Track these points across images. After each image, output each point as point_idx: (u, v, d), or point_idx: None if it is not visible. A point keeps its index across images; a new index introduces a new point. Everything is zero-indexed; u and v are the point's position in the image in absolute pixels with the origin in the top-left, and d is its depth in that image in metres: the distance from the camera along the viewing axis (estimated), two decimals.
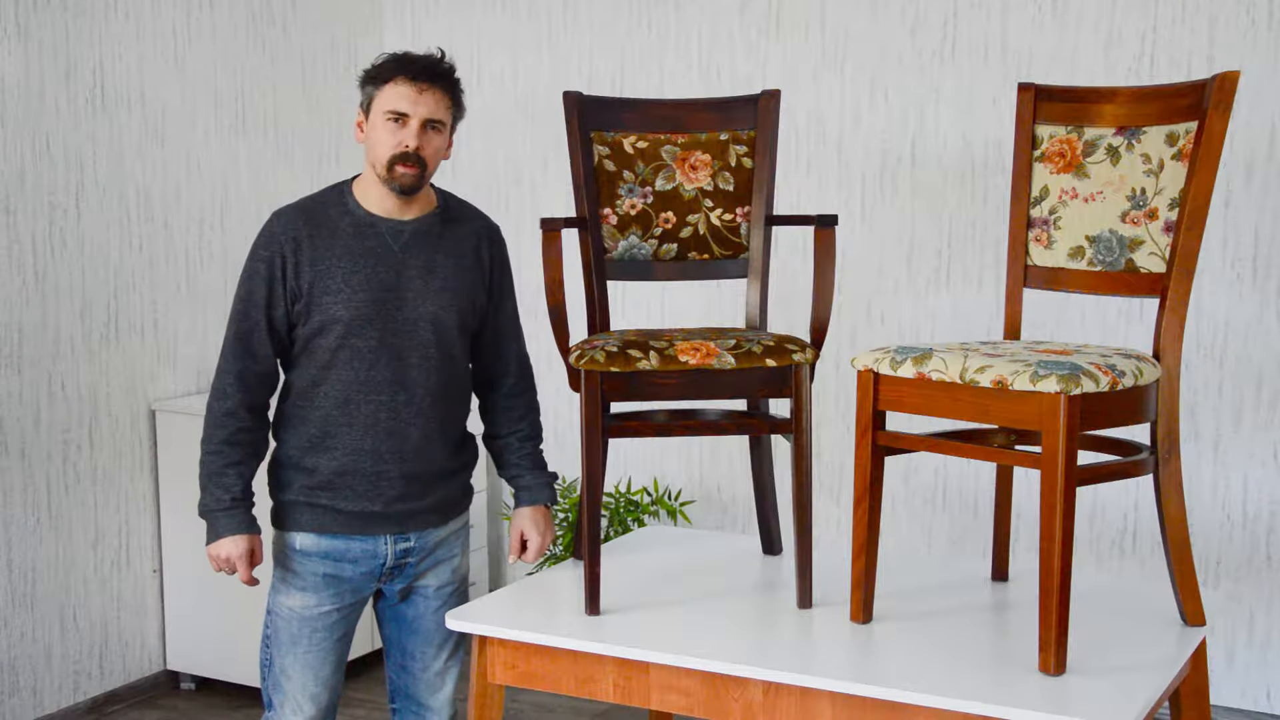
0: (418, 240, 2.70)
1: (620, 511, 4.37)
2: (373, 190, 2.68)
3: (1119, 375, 2.41)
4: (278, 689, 2.75)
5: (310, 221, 2.66)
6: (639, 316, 4.62)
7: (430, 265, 2.70)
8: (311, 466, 2.69)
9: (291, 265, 2.63)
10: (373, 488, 2.69)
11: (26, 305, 3.85)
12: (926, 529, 4.29)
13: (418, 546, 2.76)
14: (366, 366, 2.65)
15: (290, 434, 2.72)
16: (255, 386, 2.68)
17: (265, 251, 2.65)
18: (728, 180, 3.05)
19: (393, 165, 2.62)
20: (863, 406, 2.62)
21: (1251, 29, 3.78)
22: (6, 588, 3.84)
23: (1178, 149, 2.61)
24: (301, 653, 2.72)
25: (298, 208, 2.69)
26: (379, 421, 2.67)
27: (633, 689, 2.58)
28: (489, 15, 4.81)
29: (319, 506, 2.70)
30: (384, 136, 2.63)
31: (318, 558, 2.71)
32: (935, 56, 4.15)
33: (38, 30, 3.84)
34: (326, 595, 2.72)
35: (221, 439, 2.67)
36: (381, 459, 2.68)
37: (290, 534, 2.72)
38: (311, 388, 2.68)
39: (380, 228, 2.68)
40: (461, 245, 2.75)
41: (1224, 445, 3.91)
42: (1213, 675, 3.90)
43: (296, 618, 2.72)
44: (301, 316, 2.65)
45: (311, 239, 2.64)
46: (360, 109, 2.70)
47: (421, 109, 2.63)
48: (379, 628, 2.91)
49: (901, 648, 2.53)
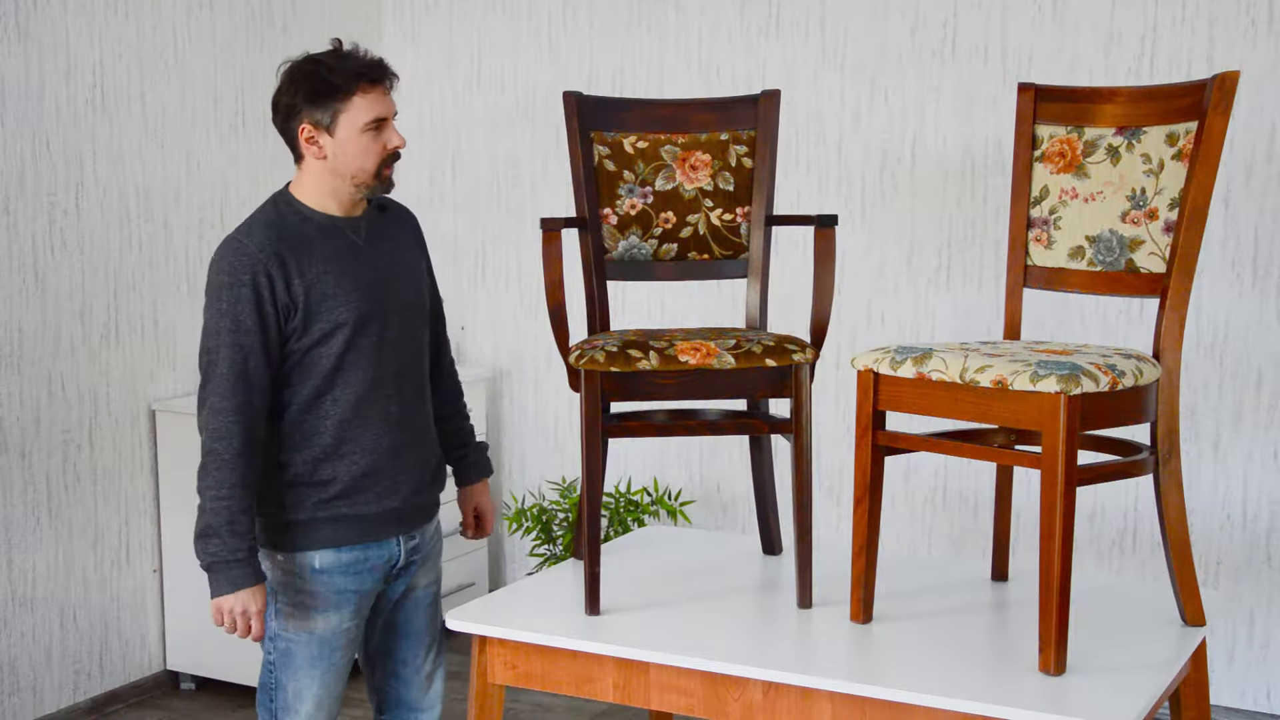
0: (373, 233, 2.69)
1: (620, 511, 4.37)
2: (330, 198, 2.62)
3: (1119, 375, 2.41)
4: (289, 711, 2.66)
5: (281, 234, 2.56)
6: (639, 316, 4.62)
7: (391, 254, 2.70)
8: (328, 478, 2.61)
9: (280, 280, 2.53)
10: (393, 484, 2.66)
11: (26, 305, 3.85)
12: (926, 529, 4.29)
13: (421, 544, 2.76)
14: (373, 364, 2.62)
15: (295, 453, 2.61)
16: (257, 420, 2.54)
17: (246, 274, 2.51)
18: (728, 180, 3.05)
19: (380, 169, 2.62)
20: (863, 406, 2.62)
21: (1251, 29, 3.78)
22: (6, 588, 3.84)
23: (1178, 149, 2.61)
24: (321, 674, 2.65)
25: (260, 224, 2.58)
26: (390, 416, 2.65)
27: (633, 689, 2.58)
28: (489, 15, 4.81)
29: (339, 518, 2.62)
30: (367, 146, 2.58)
31: (339, 573, 2.63)
32: (935, 56, 4.15)
33: (38, 30, 3.84)
34: (349, 611, 2.65)
35: (234, 482, 2.50)
36: (399, 453, 2.66)
37: (305, 554, 2.62)
38: (316, 399, 2.60)
39: (342, 226, 2.64)
40: (398, 231, 2.76)
41: (1224, 445, 3.91)
42: (1213, 675, 3.90)
43: (318, 640, 2.63)
44: (298, 330, 2.56)
45: (291, 251, 2.55)
46: (311, 125, 2.56)
47: (390, 105, 2.62)
48: (364, 642, 2.81)
49: (901, 648, 2.54)
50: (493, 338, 4.93)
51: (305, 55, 2.61)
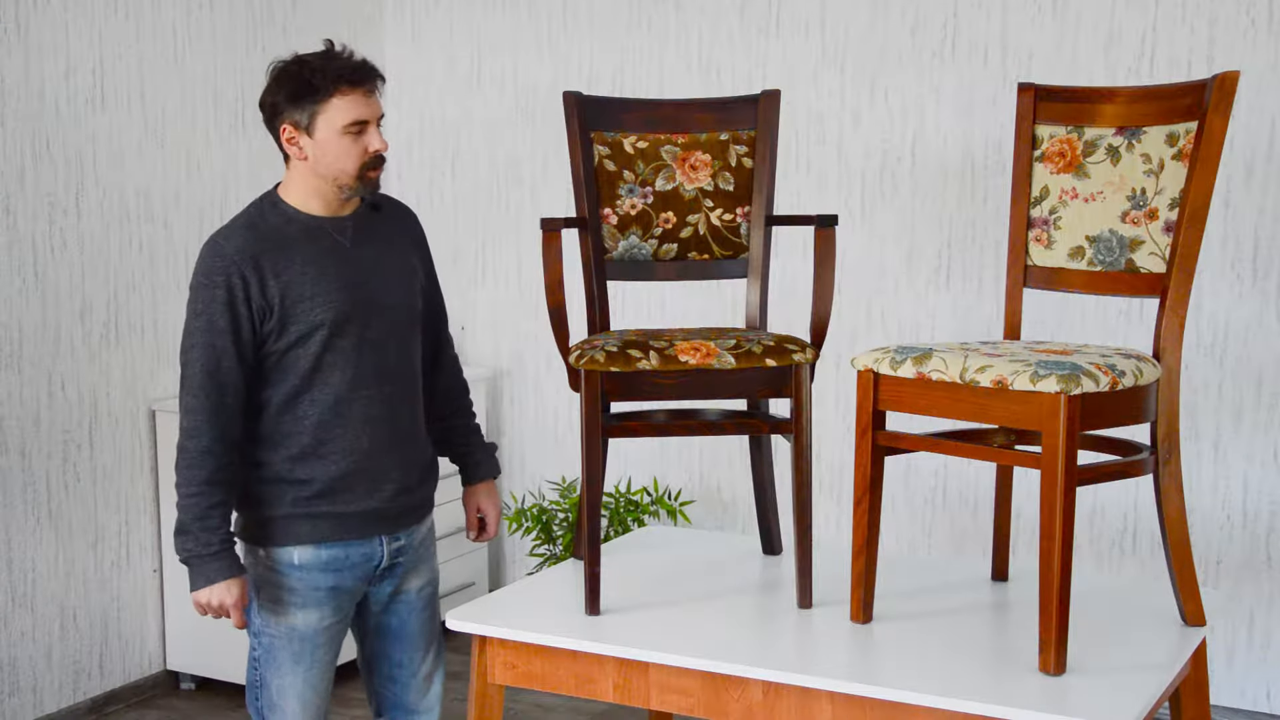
0: (361, 233, 2.68)
1: (620, 511, 4.37)
2: (314, 198, 2.63)
3: (1119, 375, 2.41)
4: (274, 709, 2.68)
5: (260, 236, 2.57)
6: (639, 316, 4.62)
7: (380, 254, 2.69)
8: (306, 477, 2.62)
9: (255, 283, 2.54)
10: (374, 485, 2.66)
11: (26, 305, 3.85)
12: (926, 529, 4.29)
13: (408, 545, 2.75)
14: (353, 364, 2.62)
15: (273, 452, 2.63)
16: (228, 420, 2.56)
17: (220, 276, 2.53)
18: (728, 180, 3.05)
19: (363, 172, 2.61)
20: (863, 406, 2.62)
21: (1251, 29, 3.78)
22: (6, 588, 3.84)
23: (1178, 149, 2.61)
24: (304, 671, 2.66)
25: (240, 226, 2.60)
26: (372, 416, 2.65)
27: (633, 689, 2.59)
28: (489, 15, 4.81)
29: (318, 515, 2.63)
30: (347, 148, 2.57)
31: (318, 570, 2.64)
32: (935, 56, 4.15)
33: (38, 30, 3.84)
34: (329, 609, 2.66)
35: (203, 480, 2.54)
36: (380, 454, 2.66)
37: (284, 549, 2.63)
38: (294, 399, 2.61)
39: (327, 227, 2.64)
40: (393, 231, 2.74)
41: (1224, 445, 3.91)
42: (1213, 675, 3.90)
43: (298, 637, 2.65)
44: (274, 333, 2.57)
45: (268, 252, 2.56)
46: (291, 126, 2.57)
47: (374, 108, 2.61)
48: (360, 645, 2.83)
49: (901, 648, 2.54)
50: (493, 338, 4.93)
51: (293, 56, 2.61)
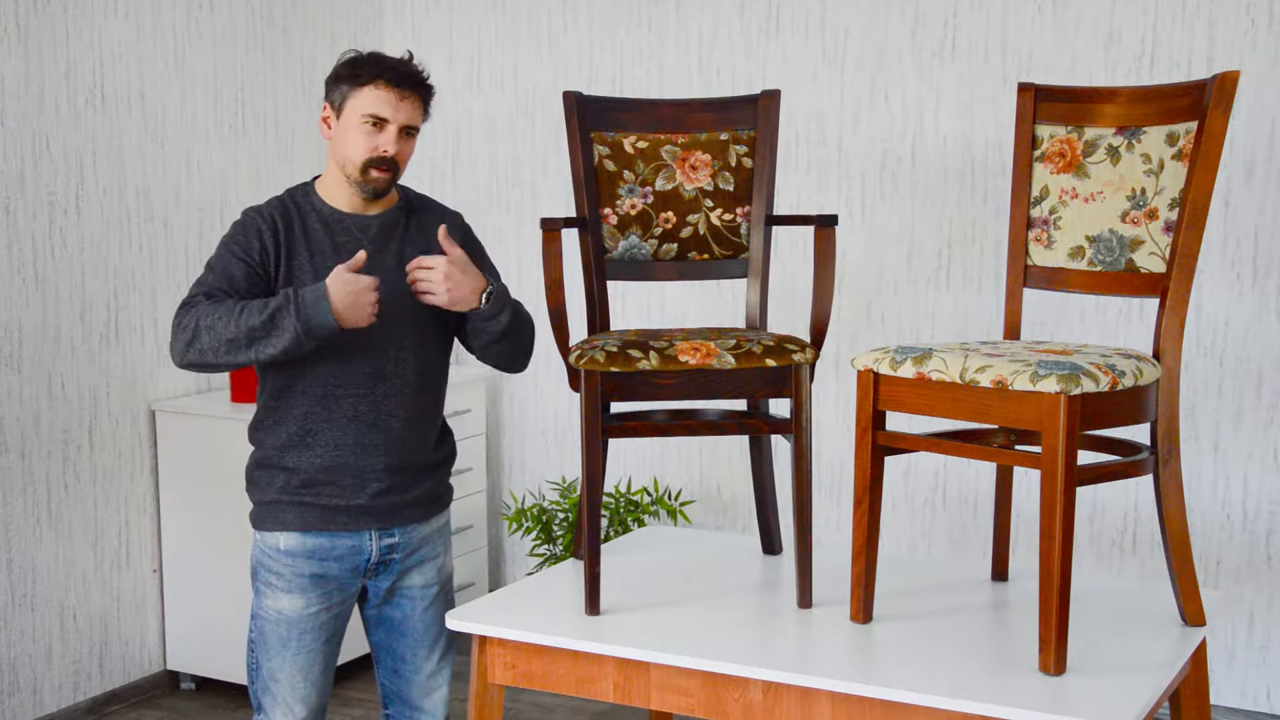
0: (385, 233, 2.71)
1: (620, 511, 4.37)
2: (338, 189, 2.69)
3: (1119, 375, 2.41)
4: (267, 692, 2.74)
5: (284, 216, 2.67)
6: (639, 316, 4.62)
7: (401, 257, 2.70)
8: (293, 465, 2.68)
9: (272, 248, 2.63)
10: (358, 483, 2.69)
11: (26, 305, 3.85)
12: (926, 529, 4.29)
13: (402, 542, 2.77)
14: (344, 363, 2.65)
15: (268, 435, 2.71)
16: None
17: (252, 227, 2.64)
18: (728, 180, 3.05)
19: (367, 169, 2.63)
20: (863, 406, 2.62)
21: (1251, 29, 3.78)
22: (6, 588, 3.84)
23: (1178, 149, 2.61)
24: (291, 655, 2.71)
25: (271, 203, 2.70)
26: (360, 415, 2.67)
27: (633, 689, 2.58)
28: (489, 15, 4.81)
29: (303, 504, 2.68)
30: (359, 139, 2.63)
31: (303, 557, 2.70)
32: (935, 56, 4.15)
33: (37, 30, 3.84)
34: (315, 596, 2.71)
35: (209, 309, 2.53)
36: (365, 453, 2.69)
37: (274, 534, 2.71)
38: (287, 387, 2.67)
39: (348, 223, 2.69)
40: (429, 235, 2.75)
41: (1224, 445, 3.91)
42: (1213, 675, 3.90)
43: (285, 621, 2.70)
44: None
45: (286, 232, 2.65)
46: (329, 105, 2.68)
47: (401, 115, 2.63)
48: (367, 634, 2.89)
49: (901, 648, 2.54)
50: None
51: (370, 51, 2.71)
